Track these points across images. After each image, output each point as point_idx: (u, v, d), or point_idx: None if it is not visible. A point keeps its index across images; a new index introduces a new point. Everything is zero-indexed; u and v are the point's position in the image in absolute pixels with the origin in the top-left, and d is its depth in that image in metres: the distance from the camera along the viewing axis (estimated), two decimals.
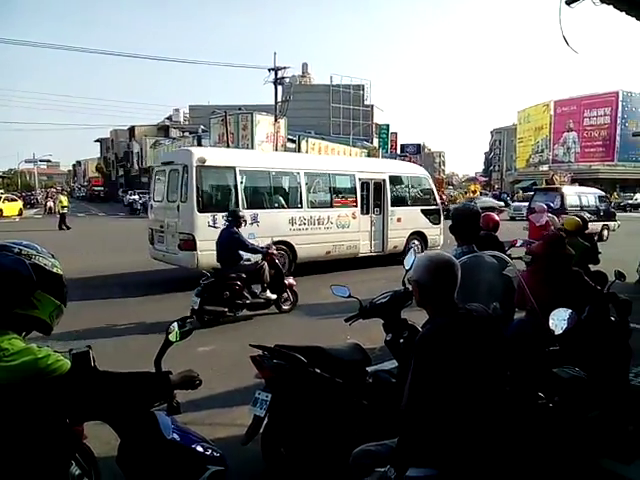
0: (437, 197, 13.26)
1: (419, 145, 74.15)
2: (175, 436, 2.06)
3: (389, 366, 4.09)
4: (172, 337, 2.08)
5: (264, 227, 9.75)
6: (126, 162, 66.75)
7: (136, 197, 39.70)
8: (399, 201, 12.41)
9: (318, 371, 3.11)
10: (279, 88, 34.69)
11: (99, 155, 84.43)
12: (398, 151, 64.47)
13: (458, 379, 1.89)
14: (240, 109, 37.38)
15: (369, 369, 3.45)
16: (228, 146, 33.85)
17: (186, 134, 48.15)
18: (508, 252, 5.64)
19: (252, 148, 35.17)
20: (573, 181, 46.30)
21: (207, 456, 2.13)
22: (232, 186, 9.80)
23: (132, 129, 62.82)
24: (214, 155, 10.37)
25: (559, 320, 2.79)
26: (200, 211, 9.10)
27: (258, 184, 10.51)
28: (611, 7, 3.45)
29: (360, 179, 11.72)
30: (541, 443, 2.50)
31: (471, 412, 1.92)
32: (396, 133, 62.79)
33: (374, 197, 12.01)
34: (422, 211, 12.63)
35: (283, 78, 34.67)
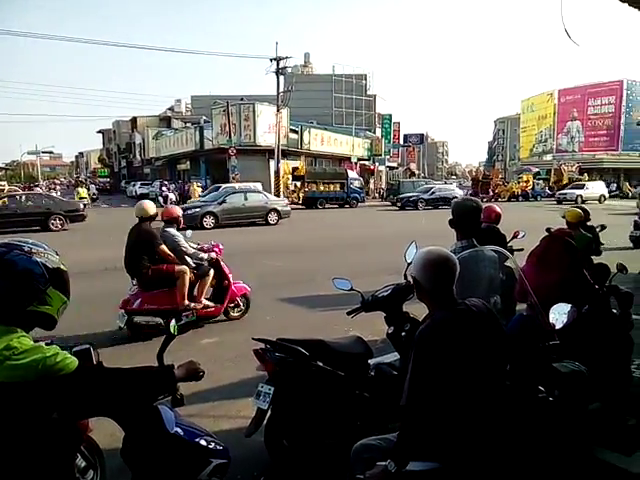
0: None
1: (422, 135, 73.87)
2: (178, 430, 2.09)
3: (391, 358, 4.11)
4: (172, 330, 2.10)
5: None
6: (128, 153, 66.67)
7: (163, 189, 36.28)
8: None
9: (320, 364, 3.13)
10: (281, 78, 34.57)
11: (101, 146, 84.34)
12: (401, 141, 64.29)
13: (457, 374, 1.91)
14: (242, 99, 37.28)
15: (371, 362, 3.47)
16: (230, 137, 33.84)
17: (188, 125, 48.03)
18: (510, 244, 5.64)
19: (254, 139, 35.14)
20: (581, 171, 46.13)
21: (210, 449, 2.16)
22: None
23: (134, 120, 62.62)
24: None
25: (559, 314, 2.80)
26: None
27: None
28: None
29: None
30: (541, 436, 2.53)
31: (471, 406, 1.94)
32: (399, 123, 62.46)
33: None
34: None
35: (285, 68, 34.54)
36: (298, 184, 33.15)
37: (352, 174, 35.75)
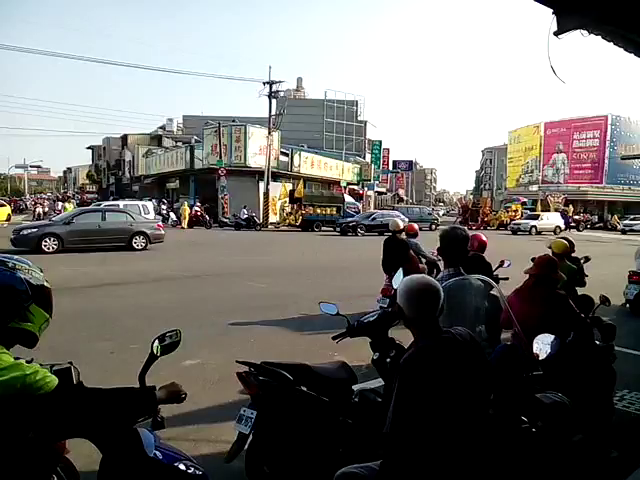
0: None
1: (411, 162, 74.81)
2: (157, 454, 2.04)
3: (375, 384, 4.09)
4: (155, 351, 2.07)
5: None
6: (117, 170, 66.55)
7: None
8: None
9: (304, 389, 3.10)
10: (273, 101, 34.93)
11: (90, 162, 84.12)
12: (390, 167, 64.99)
13: (441, 403, 1.91)
14: (234, 121, 37.58)
15: (355, 387, 3.44)
16: (221, 157, 33.99)
17: (179, 144, 48.17)
18: (495, 272, 5.69)
19: (245, 160, 35.33)
20: (567, 202, 46.83)
21: (189, 474, 2.11)
22: None
23: (125, 137, 62.74)
24: None
25: (543, 345, 2.81)
26: None
27: None
28: (599, 38, 3.54)
29: None
30: (523, 467, 2.51)
31: (454, 435, 1.93)
32: (388, 149, 63.28)
33: None
34: None
35: (278, 92, 34.96)
36: (294, 206, 33.38)
37: (349, 198, 36.32)
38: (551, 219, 37.45)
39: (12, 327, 1.64)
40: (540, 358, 2.79)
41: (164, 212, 33.76)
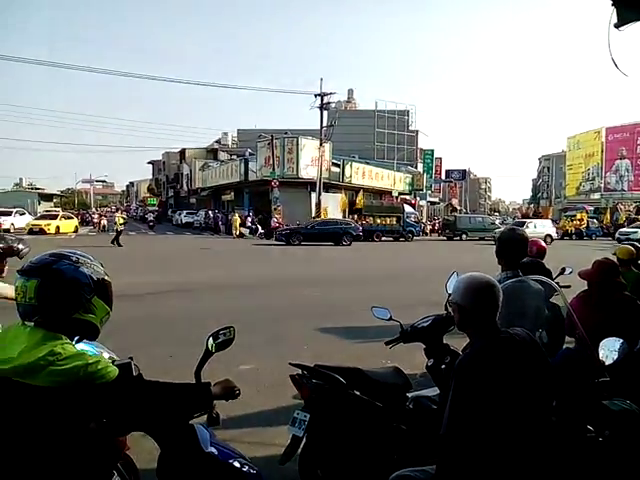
0: None
1: (464, 171, 73.42)
2: (213, 450, 2.07)
3: (430, 393, 4.00)
4: (210, 347, 2.11)
5: None
6: (176, 183, 68.92)
7: None
8: None
9: (357, 393, 3.08)
10: (325, 113, 35.27)
11: (151, 176, 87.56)
12: (443, 176, 64.08)
13: (499, 405, 1.84)
14: (286, 133, 38.13)
15: (410, 394, 3.38)
16: (274, 169, 34.58)
17: (234, 157, 49.33)
18: (556, 280, 5.47)
19: (297, 171, 35.78)
20: (639, 211, 44.34)
21: (243, 472, 2.13)
22: None
23: (183, 152, 64.97)
24: None
25: (610, 350, 2.67)
26: None
27: None
28: None
29: None
30: (590, 478, 2.39)
31: (513, 440, 1.86)
32: (441, 158, 62.53)
33: None
34: None
35: (329, 103, 35.36)
36: (353, 216, 34.24)
37: (409, 209, 36.67)
38: (539, 227, 33.22)
39: (76, 318, 1.72)
40: (607, 364, 2.65)
41: (252, 225, 34.69)
